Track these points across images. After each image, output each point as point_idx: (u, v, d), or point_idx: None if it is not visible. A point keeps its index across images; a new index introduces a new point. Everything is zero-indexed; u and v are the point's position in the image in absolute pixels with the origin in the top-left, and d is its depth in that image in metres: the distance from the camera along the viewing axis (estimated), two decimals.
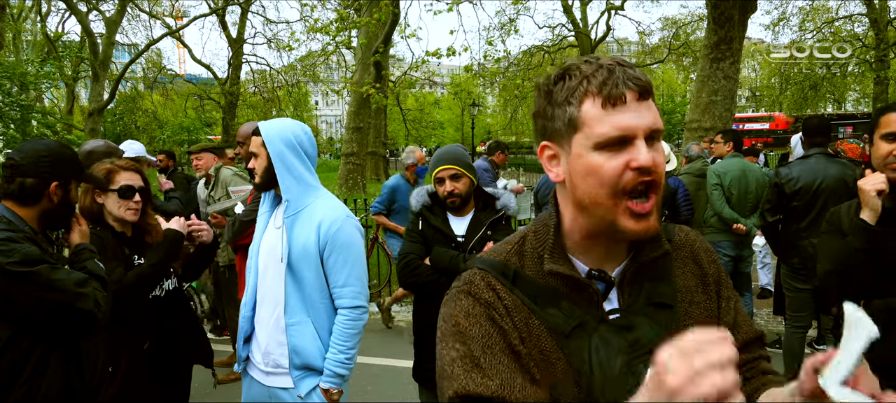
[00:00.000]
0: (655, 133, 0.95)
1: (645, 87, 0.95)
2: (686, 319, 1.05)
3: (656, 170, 0.94)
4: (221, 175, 4.80)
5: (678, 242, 1.13)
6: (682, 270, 1.10)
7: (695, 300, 1.08)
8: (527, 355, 0.98)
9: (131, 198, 2.49)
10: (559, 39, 28.71)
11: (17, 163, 1.95)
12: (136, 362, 2.44)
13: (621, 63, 0.96)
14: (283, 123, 2.32)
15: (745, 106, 45.16)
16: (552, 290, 1.02)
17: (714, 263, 1.14)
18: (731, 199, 5.00)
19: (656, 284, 1.05)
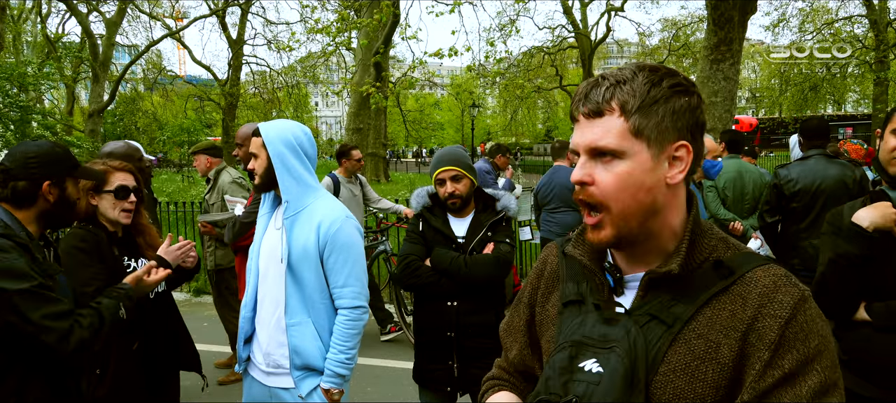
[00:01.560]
0: (596, 151, 0.98)
1: (595, 108, 0.99)
2: (681, 346, 0.96)
3: (590, 188, 0.99)
4: (220, 180, 4.74)
5: (744, 278, 0.97)
6: (722, 305, 0.97)
7: (708, 336, 0.95)
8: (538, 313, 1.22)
9: (126, 198, 2.49)
10: (559, 40, 28.74)
11: (6, 167, 1.95)
12: (126, 363, 2.44)
13: (595, 83, 1.01)
14: (282, 124, 2.33)
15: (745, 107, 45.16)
16: (581, 271, 1.12)
17: (771, 316, 0.92)
18: (726, 201, 5.00)
19: (673, 301, 0.99)
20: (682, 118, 0.99)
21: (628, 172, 0.97)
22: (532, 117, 36.17)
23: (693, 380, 0.94)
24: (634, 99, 0.97)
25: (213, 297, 5.03)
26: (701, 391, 0.94)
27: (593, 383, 0.95)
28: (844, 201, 2.31)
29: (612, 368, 0.95)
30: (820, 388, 0.89)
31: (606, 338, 0.99)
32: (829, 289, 2.08)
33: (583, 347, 1.00)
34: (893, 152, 2.01)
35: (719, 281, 0.98)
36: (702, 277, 0.99)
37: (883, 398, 2.01)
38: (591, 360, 0.98)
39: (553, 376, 1.01)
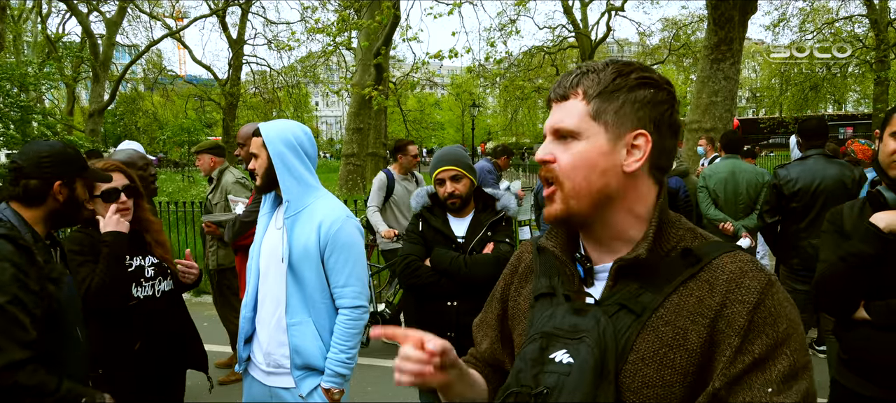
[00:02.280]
0: (556, 131, 1.05)
1: (562, 93, 1.06)
2: (650, 333, 0.97)
3: (548, 163, 1.05)
4: (224, 180, 4.73)
5: (712, 265, 0.98)
6: (689, 291, 0.98)
7: (676, 322, 0.96)
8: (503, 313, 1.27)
9: (116, 199, 2.49)
10: (559, 40, 28.71)
11: (19, 165, 1.97)
12: (127, 363, 2.44)
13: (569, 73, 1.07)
14: (283, 124, 2.33)
15: (745, 107, 45.14)
16: (554, 264, 1.13)
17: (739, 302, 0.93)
18: (717, 201, 5.01)
19: (641, 290, 1.00)
20: (644, 108, 1.01)
21: (582, 152, 1.01)
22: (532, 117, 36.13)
23: (661, 368, 0.95)
24: (597, 85, 1.03)
25: (214, 297, 5.04)
26: (669, 378, 0.95)
27: (564, 374, 0.97)
28: (844, 201, 2.31)
29: (582, 359, 0.96)
30: (789, 371, 0.90)
31: (576, 329, 1.00)
32: (836, 287, 2.08)
33: (553, 338, 1.01)
34: (893, 155, 2.01)
35: (687, 269, 0.99)
36: (670, 265, 1.01)
37: (883, 397, 2.01)
38: (562, 351, 0.99)
39: (524, 368, 1.02)
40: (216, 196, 4.72)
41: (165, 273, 2.63)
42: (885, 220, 1.98)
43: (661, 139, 1.03)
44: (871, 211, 2.09)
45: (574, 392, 0.94)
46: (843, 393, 2.16)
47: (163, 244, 2.65)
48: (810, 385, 0.92)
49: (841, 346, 2.19)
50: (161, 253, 2.61)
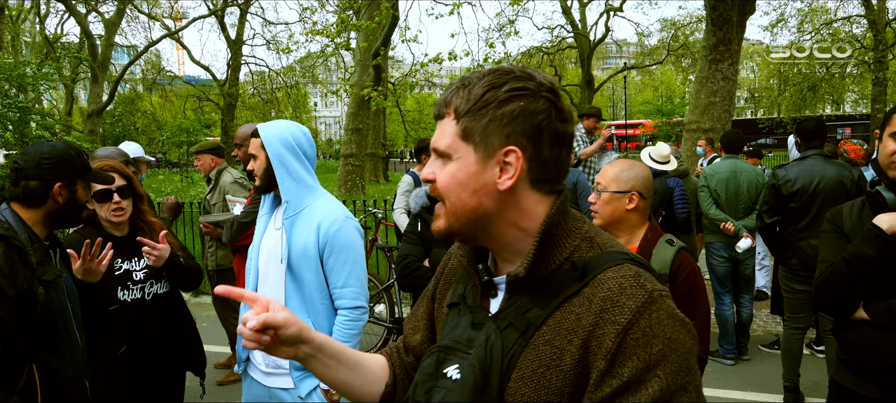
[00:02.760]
0: (435, 151, 1.03)
1: (438, 112, 1.05)
2: (531, 353, 0.94)
3: (433, 181, 1.03)
4: (222, 180, 4.72)
5: (598, 280, 0.94)
6: (571, 307, 0.94)
7: (553, 341, 0.93)
8: (435, 309, 1.23)
9: (109, 200, 2.48)
10: (558, 41, 28.75)
11: (20, 166, 1.97)
12: (112, 367, 2.43)
13: (448, 87, 1.06)
14: (281, 125, 2.33)
15: (743, 107, 45.21)
16: (470, 272, 1.11)
17: (612, 323, 0.88)
18: (718, 201, 5.01)
19: (530, 305, 0.97)
20: (513, 123, 0.96)
21: (455, 173, 1.00)
22: None
23: (539, 388, 0.92)
24: (466, 103, 0.99)
25: (213, 297, 5.03)
26: (546, 398, 0.91)
27: (450, 390, 0.97)
28: (842, 201, 2.32)
29: (464, 377, 0.96)
30: (660, 396, 0.84)
31: (471, 343, 0.99)
32: (836, 288, 2.08)
33: (451, 352, 1.01)
34: (893, 156, 2.01)
35: (573, 284, 0.95)
36: (560, 280, 0.97)
37: (883, 397, 2.01)
38: (454, 366, 0.99)
39: (420, 382, 1.02)
40: (214, 196, 4.71)
41: (159, 275, 2.62)
42: (888, 222, 1.97)
43: (540, 151, 0.98)
44: (870, 211, 2.09)
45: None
46: (842, 393, 2.17)
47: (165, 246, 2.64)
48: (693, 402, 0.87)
49: (840, 346, 2.19)
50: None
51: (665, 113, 35.04)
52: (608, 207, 2.26)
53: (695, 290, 2.17)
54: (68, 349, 2.00)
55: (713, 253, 5.12)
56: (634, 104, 46.51)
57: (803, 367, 4.28)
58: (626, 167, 2.32)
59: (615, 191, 2.25)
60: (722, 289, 5.12)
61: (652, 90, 43.58)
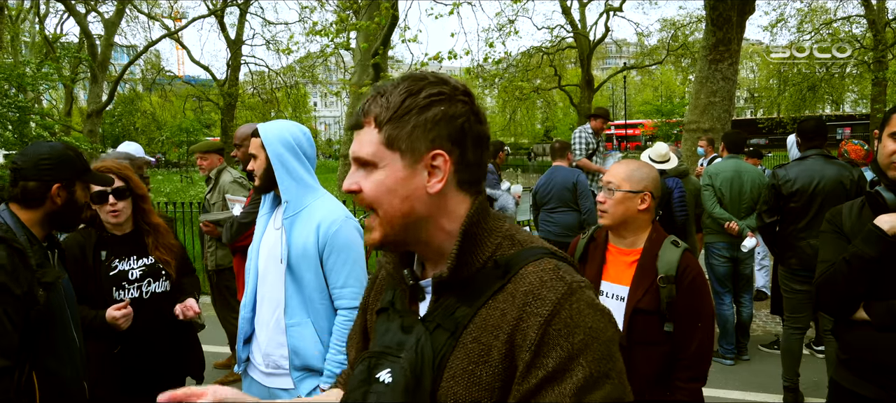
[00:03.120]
0: (358, 160, 1.03)
1: (356, 122, 1.04)
2: (461, 351, 0.96)
3: (356, 193, 1.03)
4: (221, 180, 4.73)
5: (519, 276, 0.97)
6: (496, 304, 0.96)
7: (480, 339, 0.95)
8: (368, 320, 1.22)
9: (105, 202, 2.48)
10: (558, 41, 28.73)
11: (18, 166, 1.96)
12: (106, 367, 2.43)
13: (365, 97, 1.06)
14: (281, 125, 2.33)
15: (743, 107, 45.21)
16: (397, 277, 1.12)
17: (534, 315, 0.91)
18: (722, 200, 5.01)
19: (457, 305, 0.99)
20: (437, 127, 0.98)
21: (383, 181, 1.00)
22: (531, 117, 36.18)
23: (470, 385, 0.94)
24: (386, 111, 1.00)
25: (212, 297, 5.03)
26: (477, 395, 0.93)
27: (381, 392, 0.97)
28: (842, 201, 2.32)
29: (395, 381, 0.97)
30: (585, 384, 0.87)
31: (401, 346, 1.00)
32: (837, 289, 2.07)
33: (382, 357, 1.01)
34: (892, 157, 2.00)
35: (497, 281, 0.98)
36: (484, 278, 0.99)
37: (882, 397, 2.01)
38: (386, 370, 0.99)
39: (354, 388, 1.02)
40: (214, 195, 4.72)
41: (158, 274, 2.62)
42: (889, 223, 1.97)
43: (464, 153, 1.01)
44: (870, 211, 2.09)
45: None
46: (841, 394, 2.16)
47: (167, 247, 2.64)
48: (614, 390, 0.89)
49: (840, 346, 2.19)
50: (159, 256, 2.60)
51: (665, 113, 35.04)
52: (620, 207, 2.25)
53: (701, 292, 2.19)
54: (67, 350, 2.00)
55: (714, 253, 5.12)
56: (634, 104, 46.51)
57: (803, 367, 4.28)
58: (637, 167, 2.32)
59: (628, 191, 2.24)
60: (722, 289, 5.12)
61: (651, 90, 43.56)
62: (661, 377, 2.18)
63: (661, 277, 2.17)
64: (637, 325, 2.17)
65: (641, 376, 2.15)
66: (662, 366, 2.18)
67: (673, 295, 2.15)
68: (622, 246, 2.32)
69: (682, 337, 2.16)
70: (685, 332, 2.15)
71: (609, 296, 2.28)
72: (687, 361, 2.15)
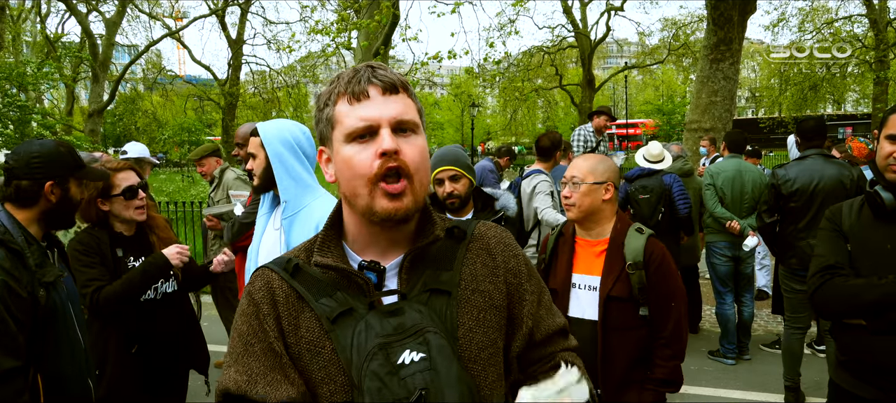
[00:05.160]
0: (402, 123, 1.03)
1: (392, 83, 1.04)
2: (466, 305, 1.07)
3: (401, 155, 1.01)
4: (225, 178, 4.77)
5: (476, 235, 1.17)
6: (472, 260, 1.13)
7: (480, 288, 1.10)
8: (284, 353, 1.03)
9: (135, 197, 2.52)
10: (559, 40, 28.71)
11: (10, 166, 1.96)
12: (125, 365, 2.44)
13: (373, 66, 1.06)
14: (281, 124, 2.33)
15: (744, 106, 45.15)
16: (329, 282, 1.07)
17: (513, 257, 1.17)
18: (724, 199, 5.01)
19: (437, 272, 1.08)
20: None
21: (422, 147, 1.06)
22: (532, 117, 36.13)
23: (486, 329, 1.08)
24: (408, 86, 1.08)
25: (213, 297, 5.04)
26: (493, 336, 1.09)
27: (427, 369, 0.95)
28: (842, 200, 2.31)
29: (437, 345, 0.97)
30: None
31: (404, 328, 0.99)
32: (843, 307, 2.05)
33: (388, 347, 0.97)
34: (889, 158, 2.01)
35: (460, 244, 1.13)
36: (446, 246, 1.12)
37: (881, 398, 2.01)
38: (405, 352, 0.96)
39: (383, 384, 0.94)
40: (219, 193, 4.77)
41: (168, 274, 2.64)
42: None
43: None
44: (869, 211, 2.09)
45: (448, 376, 0.95)
46: (840, 394, 2.16)
47: (168, 243, 2.65)
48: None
49: (838, 348, 2.19)
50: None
51: (666, 112, 34.99)
52: (587, 198, 2.35)
53: (670, 273, 2.31)
54: (69, 349, 2.00)
55: (715, 252, 5.11)
56: (635, 103, 46.47)
57: (804, 367, 4.28)
58: (599, 160, 2.43)
59: (593, 183, 2.35)
60: (723, 289, 5.12)
61: (653, 89, 43.53)
62: (639, 359, 2.29)
63: (630, 264, 2.27)
64: (611, 312, 2.28)
65: (620, 359, 2.26)
66: (639, 349, 2.29)
67: (643, 281, 2.25)
68: (589, 238, 2.41)
69: (658, 319, 2.28)
70: (660, 314, 2.28)
71: (581, 287, 2.36)
72: (664, 340, 2.28)
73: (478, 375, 1.04)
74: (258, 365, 1.02)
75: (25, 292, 1.78)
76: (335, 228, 1.14)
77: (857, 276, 2.04)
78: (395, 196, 1.02)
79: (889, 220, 2.02)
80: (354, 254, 1.11)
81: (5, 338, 1.71)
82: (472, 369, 1.04)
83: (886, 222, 2.03)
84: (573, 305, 2.36)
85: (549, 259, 2.51)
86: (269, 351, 1.03)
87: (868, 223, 2.08)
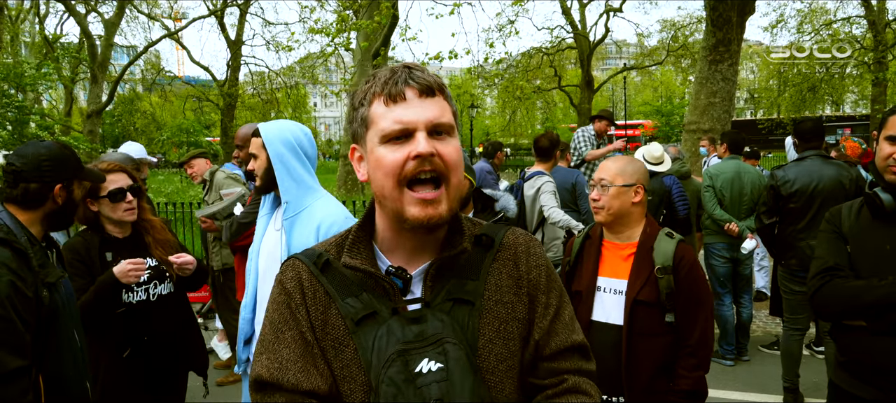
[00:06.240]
0: (438, 126, 1.02)
1: (428, 86, 1.03)
2: (488, 316, 1.07)
3: (437, 159, 1.01)
4: (216, 178, 4.78)
5: (505, 244, 1.15)
6: (498, 270, 1.11)
7: (503, 299, 1.09)
8: (314, 343, 1.06)
9: (123, 199, 2.49)
10: (558, 41, 28.72)
11: (18, 168, 1.95)
12: (117, 370, 2.44)
13: (411, 66, 1.05)
14: (282, 125, 2.33)
15: (743, 108, 45.19)
16: (356, 282, 1.08)
17: (537, 267, 1.14)
18: (723, 201, 5.01)
19: (462, 281, 1.08)
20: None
21: (458, 149, 1.05)
22: (531, 118, 36.15)
23: (506, 341, 1.07)
24: (443, 87, 1.05)
25: (213, 297, 5.04)
26: (513, 347, 1.08)
27: (442, 380, 0.96)
28: (841, 201, 2.32)
29: (455, 357, 0.98)
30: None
31: (424, 336, 1.00)
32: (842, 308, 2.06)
33: (407, 354, 0.98)
34: (888, 160, 2.01)
35: (487, 252, 1.12)
36: (475, 254, 1.11)
37: (881, 399, 2.01)
38: (424, 361, 0.97)
39: (399, 391, 0.95)
40: (211, 195, 4.76)
41: (163, 276, 2.62)
42: None
43: None
44: (868, 212, 2.09)
45: (463, 389, 0.95)
46: (840, 395, 2.17)
47: (165, 244, 2.64)
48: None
49: (837, 348, 2.20)
50: (160, 255, 2.60)
51: (665, 113, 35.00)
52: (617, 201, 2.30)
53: (700, 279, 2.25)
54: (69, 350, 2.00)
55: (713, 253, 5.12)
56: (634, 104, 46.48)
57: (803, 368, 4.28)
58: (627, 162, 2.39)
59: (623, 185, 2.30)
60: (722, 290, 5.12)
61: (651, 91, 43.54)
62: (663, 367, 2.22)
63: (659, 267, 2.21)
64: (638, 316, 2.21)
65: (645, 366, 2.19)
66: (665, 356, 2.21)
67: (672, 286, 2.19)
68: (618, 241, 2.36)
69: (684, 325, 2.21)
70: (687, 320, 2.21)
71: (606, 291, 2.31)
72: (690, 348, 2.20)
73: (494, 387, 1.04)
74: (289, 353, 1.04)
75: (31, 292, 1.78)
76: (365, 228, 1.14)
77: (857, 278, 2.04)
78: (429, 202, 1.01)
79: (888, 221, 2.03)
80: (383, 256, 1.12)
81: (12, 338, 1.70)
82: (490, 380, 1.04)
83: (885, 223, 2.04)
84: (597, 309, 2.30)
85: (575, 261, 2.45)
86: (301, 339, 1.06)
87: (867, 224, 2.08)
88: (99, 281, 2.39)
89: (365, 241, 1.12)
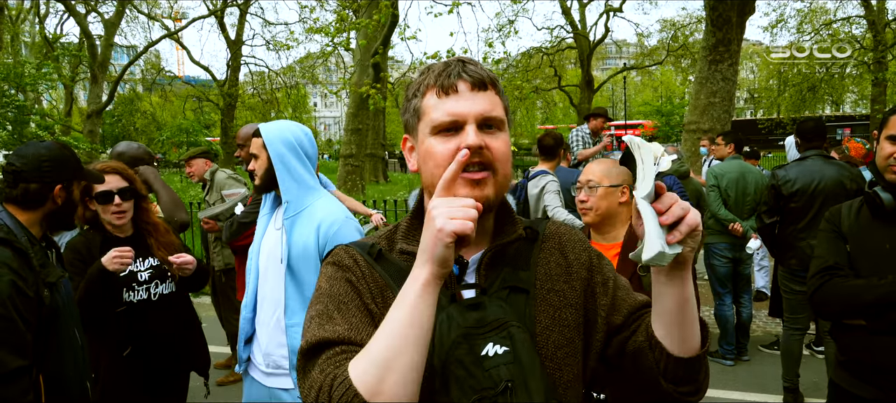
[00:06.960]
0: (489, 120, 1.04)
1: (481, 80, 1.05)
2: (542, 304, 1.09)
3: (487, 151, 1.03)
4: (216, 178, 4.77)
5: (547, 234, 1.20)
6: (546, 260, 1.15)
7: (555, 287, 1.12)
8: (379, 314, 1.03)
9: (111, 202, 2.47)
10: (558, 41, 28.73)
11: (18, 169, 1.95)
12: (117, 369, 2.44)
13: (464, 60, 1.07)
14: (283, 125, 2.34)
15: (743, 108, 45.19)
16: (410, 270, 1.02)
17: (584, 251, 1.20)
18: (727, 201, 5.01)
19: (515, 270, 1.10)
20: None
21: (507, 142, 1.07)
22: (531, 118, 36.16)
23: (562, 328, 1.09)
24: (494, 81, 1.07)
25: (213, 297, 5.04)
26: (569, 335, 1.10)
27: (511, 362, 0.97)
28: (842, 201, 2.32)
29: (520, 340, 0.99)
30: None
31: (485, 321, 1.01)
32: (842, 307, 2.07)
33: (471, 338, 0.99)
34: (889, 159, 2.01)
35: (533, 244, 1.16)
36: (523, 245, 1.15)
37: (881, 398, 2.02)
38: (489, 345, 0.98)
39: (469, 373, 0.96)
40: (212, 195, 4.76)
41: (165, 275, 2.62)
42: None
43: None
44: (867, 211, 2.10)
45: (533, 370, 0.97)
46: (840, 395, 2.17)
47: (168, 245, 2.64)
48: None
49: (838, 348, 2.20)
50: (162, 256, 2.60)
51: (664, 113, 34.98)
52: (604, 202, 2.34)
53: None
54: (70, 350, 2.00)
55: (715, 253, 5.12)
56: (634, 104, 46.49)
57: (803, 368, 4.28)
58: (612, 164, 2.42)
59: (609, 186, 2.34)
60: (722, 290, 5.12)
61: (651, 90, 43.54)
62: None
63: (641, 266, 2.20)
64: None
65: None
66: None
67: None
68: (604, 242, 2.39)
69: None
70: None
71: None
72: None
73: (553, 373, 1.06)
74: (357, 321, 1.02)
75: (32, 291, 1.78)
76: (418, 217, 1.15)
77: (857, 277, 2.05)
78: (477, 183, 1.02)
79: (888, 221, 2.03)
80: None
81: (13, 337, 1.70)
82: (549, 367, 1.05)
83: (885, 223, 2.04)
84: None
85: None
86: (365, 311, 1.04)
87: (867, 223, 2.09)
88: (88, 273, 2.37)
89: (419, 229, 1.10)
